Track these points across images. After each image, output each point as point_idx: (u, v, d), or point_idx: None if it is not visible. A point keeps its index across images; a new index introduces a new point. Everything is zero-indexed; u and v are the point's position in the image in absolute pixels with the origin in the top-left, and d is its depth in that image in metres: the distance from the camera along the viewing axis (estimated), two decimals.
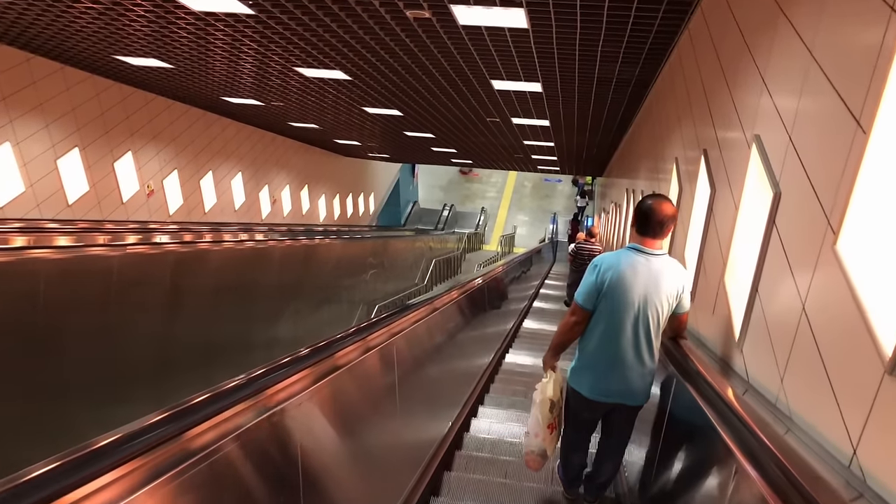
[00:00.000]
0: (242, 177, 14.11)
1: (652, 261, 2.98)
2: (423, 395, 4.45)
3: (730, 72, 3.45)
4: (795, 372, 2.07)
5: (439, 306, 5.13)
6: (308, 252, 10.21)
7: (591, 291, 3.04)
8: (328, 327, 10.67)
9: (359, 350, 2.96)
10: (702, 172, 3.82)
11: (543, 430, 3.28)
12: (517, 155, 16.03)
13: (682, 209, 4.48)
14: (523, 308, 11.13)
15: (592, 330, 3.09)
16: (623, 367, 3.03)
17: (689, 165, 4.40)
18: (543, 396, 3.27)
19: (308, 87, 8.98)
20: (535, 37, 5.62)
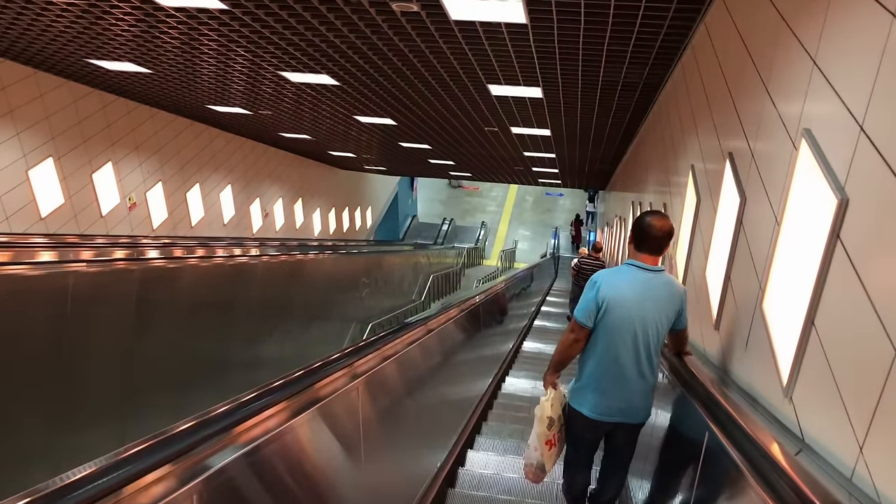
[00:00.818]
0: (232, 189, 13.61)
1: (650, 277, 2.99)
2: (412, 426, 3.94)
3: (762, 56, 2.93)
4: (886, 435, 1.53)
5: (434, 327, 4.65)
6: (295, 267, 9.66)
7: (590, 308, 3.01)
8: (319, 347, 10.13)
9: (341, 379, 2.68)
10: (727, 180, 3.29)
11: (542, 446, 3.27)
12: (517, 167, 15.54)
13: (702, 222, 3.95)
14: (523, 327, 10.58)
15: (592, 347, 3.08)
16: (624, 385, 3.03)
17: (709, 172, 3.88)
18: (543, 413, 3.25)
19: (295, 93, 8.50)
20: (535, 34, 5.12)
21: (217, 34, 5.95)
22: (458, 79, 6.94)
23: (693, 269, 4.07)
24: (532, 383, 7.14)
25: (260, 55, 6.57)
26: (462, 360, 5.83)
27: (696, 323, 3.80)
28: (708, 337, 3.47)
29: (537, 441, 3.29)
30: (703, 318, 3.58)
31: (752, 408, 2.31)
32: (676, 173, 5.36)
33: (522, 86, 6.96)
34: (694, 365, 3.01)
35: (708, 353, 3.46)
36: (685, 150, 4.93)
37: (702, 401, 2.55)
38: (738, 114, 3.27)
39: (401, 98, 8.21)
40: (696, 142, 4.45)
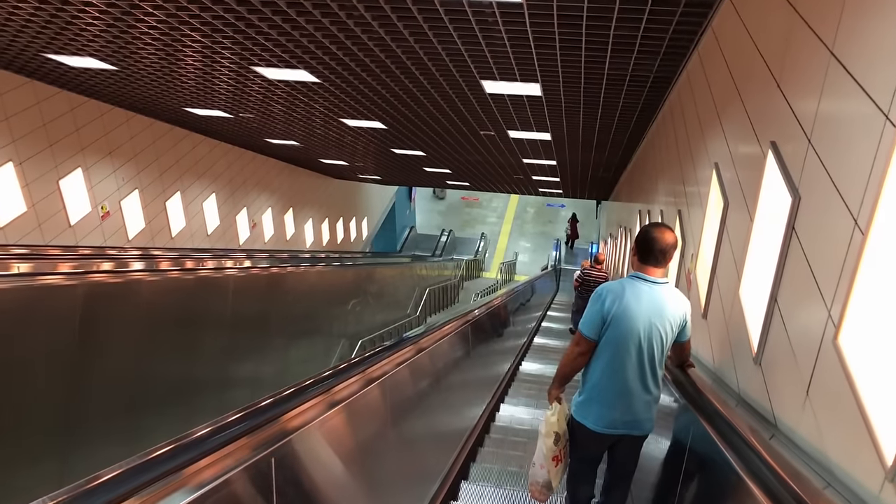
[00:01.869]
0: (217, 198, 12.96)
1: (655, 289, 3.00)
2: (388, 468, 3.33)
3: (821, 13, 2.26)
4: None
5: (421, 348, 4.07)
6: (275, 281, 8.99)
7: (595, 321, 3.02)
8: (302, 366, 9.44)
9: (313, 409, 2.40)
10: (769, 175, 2.62)
11: (548, 462, 3.23)
12: (517, 176, 14.88)
13: (732, 231, 3.27)
14: (522, 345, 9.88)
15: (597, 360, 3.07)
16: (629, 397, 3.03)
17: (740, 169, 3.20)
18: (548, 428, 3.23)
19: (273, 92, 7.84)
20: (531, 15, 4.46)
21: (184, 23, 5.31)
22: (448, 74, 6.29)
23: (720, 288, 3.39)
24: (532, 412, 6.43)
25: (229, 46, 5.92)
26: (451, 385, 5.15)
27: (725, 351, 3.12)
28: (745, 372, 2.78)
29: (543, 458, 3.25)
30: (738, 348, 2.90)
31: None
32: (693, 177, 4.68)
33: (519, 81, 6.30)
34: (700, 380, 2.96)
35: (745, 392, 2.78)
36: (705, 148, 4.26)
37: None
38: (785, 93, 2.60)
39: (388, 97, 7.56)
40: (720, 136, 3.78)
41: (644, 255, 3.03)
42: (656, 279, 3.01)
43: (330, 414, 2.58)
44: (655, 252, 3.00)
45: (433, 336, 4.61)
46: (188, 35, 5.65)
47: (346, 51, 5.75)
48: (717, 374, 3.28)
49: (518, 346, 9.58)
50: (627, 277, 3.08)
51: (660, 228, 3.07)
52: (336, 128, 10.05)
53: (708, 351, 3.55)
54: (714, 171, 3.77)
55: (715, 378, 3.20)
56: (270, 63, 6.45)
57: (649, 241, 3.02)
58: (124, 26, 5.57)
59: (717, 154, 3.82)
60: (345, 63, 6.19)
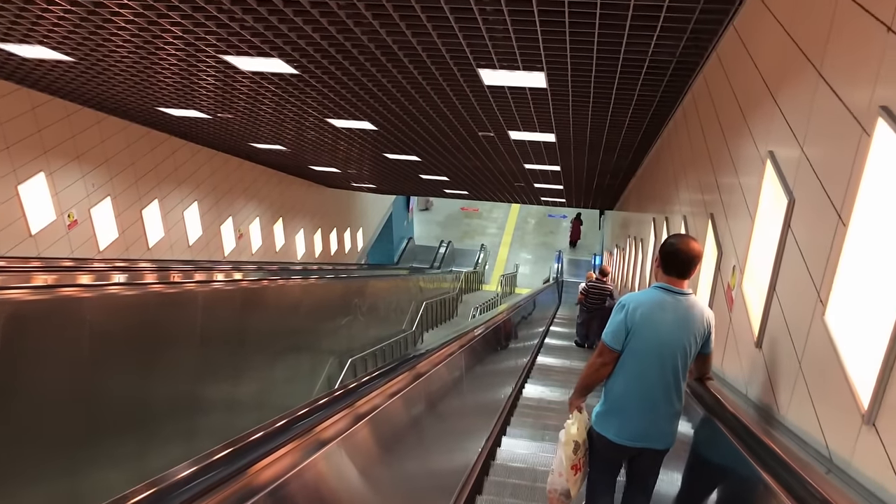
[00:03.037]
0: (199, 207, 12.20)
1: (680, 300, 2.99)
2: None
3: None
4: None
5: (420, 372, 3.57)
6: (256, 295, 8.21)
7: (619, 331, 2.99)
8: (285, 386, 8.66)
9: (283, 460, 1.97)
10: (877, 155, 1.85)
11: (567, 471, 3.23)
12: (518, 183, 14.13)
13: (803, 235, 2.49)
14: (524, 366, 9.08)
15: (619, 371, 3.03)
16: (652, 410, 3.00)
17: (817, 150, 2.43)
18: (568, 437, 3.23)
19: (249, 86, 7.09)
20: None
21: (166, 20, 4.58)
22: (441, 62, 5.54)
23: (785, 310, 2.61)
24: (537, 447, 5.63)
25: (190, 28, 5.17)
26: (445, 417, 4.39)
27: (801, 400, 2.34)
28: (845, 432, 2.00)
29: (562, 466, 3.25)
30: (828, 396, 2.12)
31: None
32: (732, 175, 3.92)
33: (522, 70, 5.55)
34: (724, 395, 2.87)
35: (849, 463, 1.99)
36: (750, 135, 3.49)
37: None
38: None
39: (375, 92, 6.81)
40: (776, 118, 3.01)
41: (668, 267, 3.02)
42: (681, 290, 3.00)
43: (306, 466, 2.09)
44: (680, 263, 2.99)
45: (427, 362, 3.88)
46: (158, 23, 4.91)
47: (326, 34, 5.01)
48: (784, 425, 2.50)
49: (520, 366, 8.79)
50: (652, 288, 3.06)
51: (685, 239, 3.06)
52: (323, 129, 9.31)
53: (765, 391, 2.77)
54: (768, 162, 3.00)
55: (783, 432, 2.42)
56: (243, 51, 5.70)
57: (674, 252, 3.01)
58: (96, 20, 4.83)
59: (772, 138, 3.05)
60: (324, 50, 5.44)
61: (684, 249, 3.00)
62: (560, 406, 7.14)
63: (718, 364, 3.72)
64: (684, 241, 3.04)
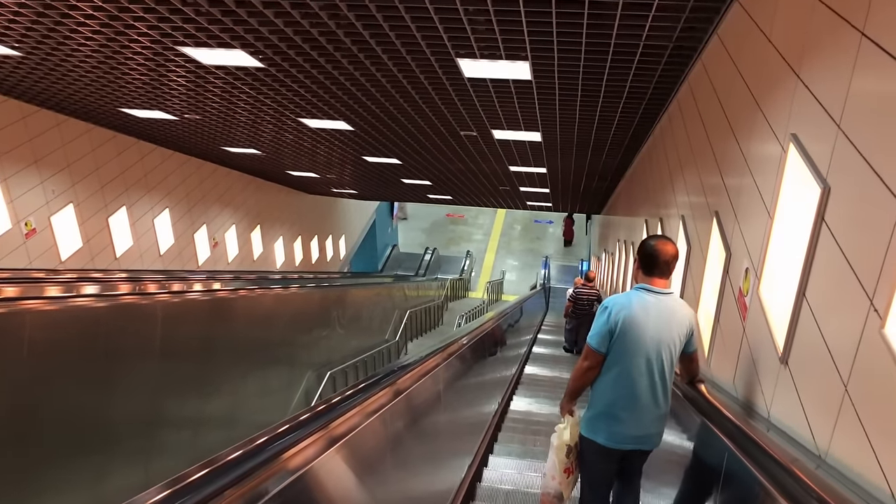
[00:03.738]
0: (171, 214, 11.67)
1: (662, 300, 3.01)
2: None
3: None
4: None
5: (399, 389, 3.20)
6: (226, 306, 7.72)
7: (603, 334, 2.99)
8: (258, 400, 8.17)
9: None
10: None
11: (560, 474, 3.24)
12: (503, 187, 13.72)
13: (844, 231, 2.07)
14: (511, 377, 8.63)
15: (606, 374, 3.05)
16: (640, 411, 3.01)
17: (859, 123, 2.01)
18: (560, 441, 3.25)
19: (214, 83, 6.62)
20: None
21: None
22: (417, 52, 5.10)
23: (822, 321, 2.18)
24: (528, 464, 5.18)
25: (141, 15, 4.70)
26: (426, 435, 3.93)
27: (852, 431, 1.91)
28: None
29: (555, 469, 3.27)
30: (887, 427, 1.69)
31: None
32: (741, 165, 3.50)
33: (504, 59, 5.12)
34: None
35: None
36: (765, 118, 3.07)
37: None
38: None
39: (348, 88, 6.35)
40: (800, 95, 2.59)
41: (648, 267, 3.05)
42: (662, 290, 3.04)
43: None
44: (660, 263, 3.03)
45: (407, 378, 3.45)
46: (105, 9, 4.44)
47: (290, 20, 4.56)
48: (827, 462, 2.06)
49: (506, 378, 8.34)
50: (634, 289, 3.08)
51: (661, 240, 3.10)
52: (297, 131, 8.84)
53: (795, 415, 2.34)
54: (791, 148, 2.57)
55: (828, 470, 1.99)
56: (202, 42, 5.23)
57: (652, 252, 3.05)
58: (54, 16, 4.36)
59: (795, 120, 2.63)
60: (290, 39, 4.99)
61: (663, 250, 3.04)
62: (549, 421, 6.71)
63: (730, 380, 3.29)
64: (662, 242, 3.08)
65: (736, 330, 3.22)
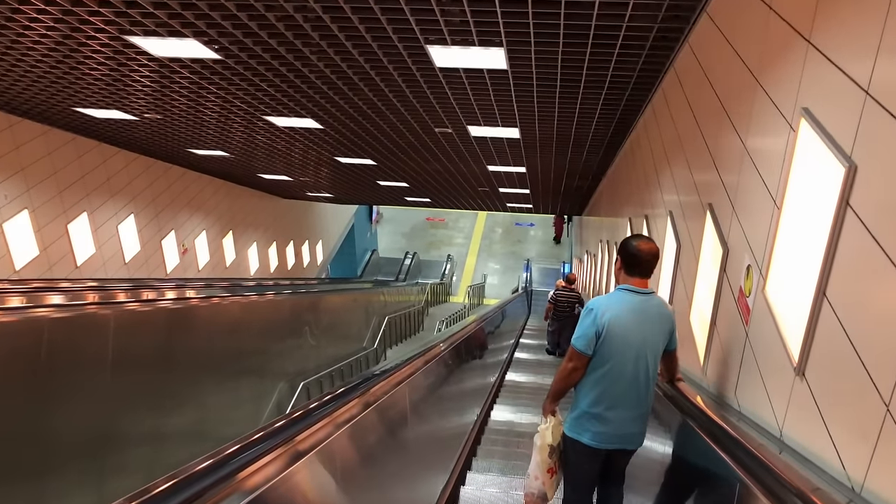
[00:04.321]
0: (136, 220, 11.19)
1: (645, 300, 3.01)
2: None
3: None
4: None
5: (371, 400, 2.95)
6: (190, 315, 7.28)
7: (589, 336, 2.96)
8: (230, 412, 7.74)
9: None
10: None
11: (543, 474, 3.24)
12: (482, 188, 13.37)
13: (877, 217, 1.72)
14: (492, 385, 8.26)
15: (590, 375, 3.03)
16: (624, 411, 3.01)
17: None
18: (543, 442, 3.24)
19: (170, 78, 6.20)
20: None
21: None
22: (383, 37, 4.73)
23: (849, 325, 1.83)
24: (509, 481, 4.80)
25: (92, 7, 4.28)
26: (399, 448, 3.55)
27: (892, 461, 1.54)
28: None
29: (538, 470, 3.25)
30: None
31: None
32: (737, 153, 3.16)
33: (478, 46, 4.76)
34: None
35: None
36: (766, 99, 2.73)
37: None
38: None
39: (314, 81, 5.96)
40: (812, 62, 2.25)
41: (631, 267, 3.03)
42: (644, 290, 3.03)
43: None
44: (643, 263, 3.01)
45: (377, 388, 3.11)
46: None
47: (243, 3, 4.17)
48: (854, 491, 1.71)
49: (487, 386, 7.97)
50: (617, 290, 3.06)
51: (643, 240, 3.10)
52: (265, 130, 8.42)
53: (819, 438, 1.98)
54: (802, 123, 2.23)
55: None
56: (150, 31, 4.82)
57: (635, 252, 3.02)
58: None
59: (807, 92, 2.28)
60: (246, 27, 4.60)
61: (646, 250, 3.01)
62: (534, 431, 6.34)
63: (730, 392, 2.94)
64: (645, 242, 3.06)
65: (737, 335, 2.87)
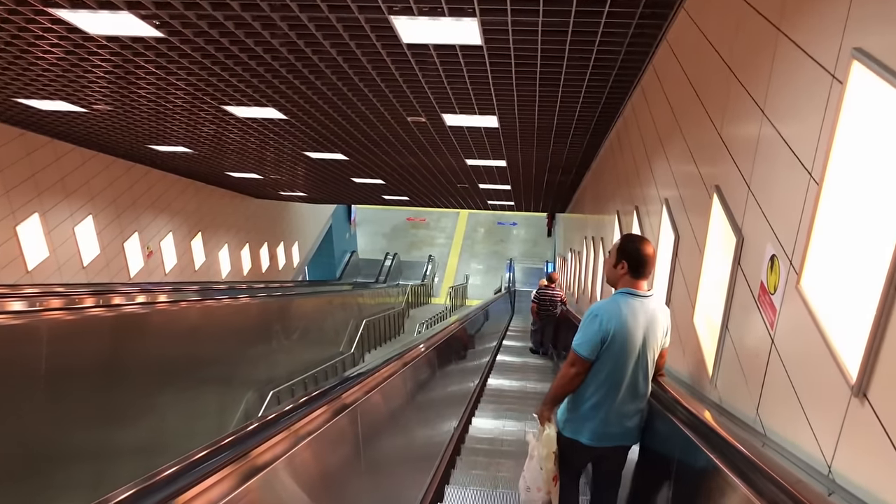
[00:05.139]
0: (95, 222, 10.55)
1: (645, 303, 2.98)
2: None
3: None
4: None
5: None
6: (145, 321, 6.69)
7: (594, 343, 2.92)
8: (192, 422, 7.19)
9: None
10: None
11: (547, 484, 3.16)
12: (461, 185, 12.85)
13: None
14: (473, 390, 7.73)
15: (593, 378, 2.99)
16: (624, 410, 3.01)
17: None
18: (548, 451, 3.14)
19: (113, 62, 5.61)
20: None
21: None
22: (340, 5, 4.19)
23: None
24: (492, 495, 4.28)
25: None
26: (372, 464, 3.03)
27: None
28: None
29: (541, 481, 3.17)
30: None
31: None
32: (754, 128, 2.66)
33: (448, 17, 4.23)
34: None
35: None
36: (793, 50, 2.22)
37: None
38: None
39: (269, 62, 5.40)
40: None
41: (636, 271, 2.98)
42: (647, 293, 2.99)
43: None
44: (646, 265, 2.98)
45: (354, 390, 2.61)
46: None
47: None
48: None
49: (468, 391, 7.45)
50: (619, 294, 3.00)
51: (644, 241, 3.05)
52: (223, 121, 7.84)
53: (892, 477, 1.48)
54: (855, 68, 1.72)
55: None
56: (77, 2, 4.25)
57: (638, 255, 2.97)
58: None
59: (862, 26, 1.77)
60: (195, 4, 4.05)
61: (648, 252, 2.98)
62: (519, 440, 5.83)
63: (751, 412, 2.43)
64: (645, 243, 3.02)
65: (758, 342, 2.36)
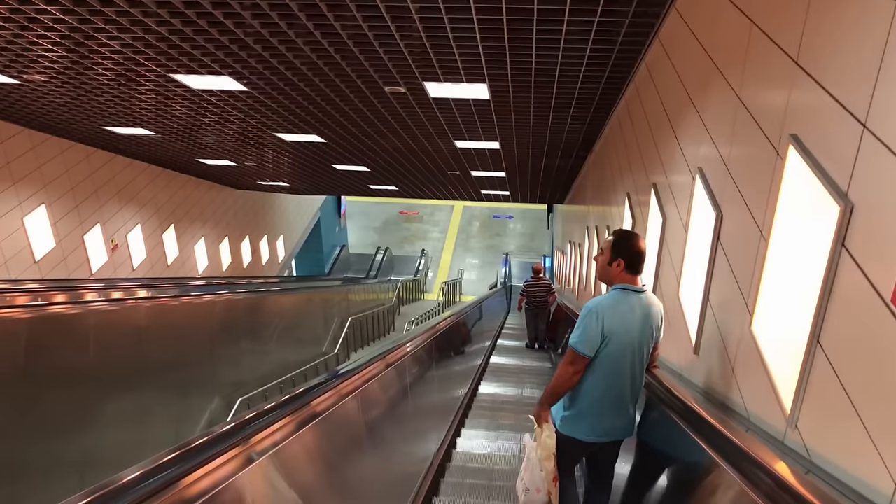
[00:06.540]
0: (49, 212, 9.64)
1: (642, 298, 3.01)
2: None
3: None
4: None
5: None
6: (100, 318, 5.80)
7: (594, 339, 2.93)
8: (149, 432, 6.35)
9: None
10: None
11: (549, 485, 3.11)
12: (452, 172, 11.95)
13: None
14: (462, 398, 6.86)
15: (591, 374, 2.98)
16: (621, 405, 3.03)
17: None
18: (547, 452, 3.11)
19: (40, 21, 4.70)
20: None
21: None
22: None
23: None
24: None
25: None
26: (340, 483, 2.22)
27: None
28: None
29: (542, 482, 3.12)
30: None
31: None
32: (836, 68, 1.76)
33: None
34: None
35: None
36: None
37: None
38: None
39: (221, 20, 4.49)
40: None
41: (633, 266, 3.00)
42: (641, 288, 3.02)
43: None
44: (641, 260, 3.01)
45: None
46: None
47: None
48: None
49: (456, 400, 6.58)
50: (616, 290, 3.00)
51: (638, 237, 3.07)
52: (177, 94, 6.92)
53: None
54: None
55: None
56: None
57: (635, 251, 3.00)
58: None
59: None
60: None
61: (642, 247, 3.01)
62: (513, 469, 4.95)
63: (799, 442, 1.54)
64: (640, 239, 3.05)
65: (887, 356, 1.48)
